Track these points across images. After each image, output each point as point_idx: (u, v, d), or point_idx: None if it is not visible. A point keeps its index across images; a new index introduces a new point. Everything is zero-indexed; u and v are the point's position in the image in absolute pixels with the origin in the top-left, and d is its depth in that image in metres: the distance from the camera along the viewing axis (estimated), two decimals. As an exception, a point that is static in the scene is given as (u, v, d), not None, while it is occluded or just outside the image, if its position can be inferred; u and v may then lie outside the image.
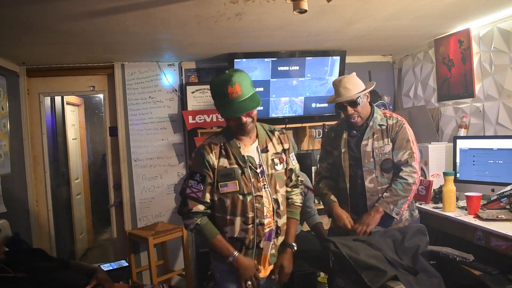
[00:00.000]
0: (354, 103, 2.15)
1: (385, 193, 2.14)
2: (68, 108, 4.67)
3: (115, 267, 3.01)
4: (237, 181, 1.72)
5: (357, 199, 2.22)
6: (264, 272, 1.84)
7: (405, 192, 2.10)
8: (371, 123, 2.20)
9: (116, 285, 2.20)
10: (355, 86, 2.16)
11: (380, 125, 2.20)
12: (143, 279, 3.52)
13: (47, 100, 3.77)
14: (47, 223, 3.55)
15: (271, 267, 1.86)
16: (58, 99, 4.31)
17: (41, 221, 3.52)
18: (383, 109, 2.42)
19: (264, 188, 1.77)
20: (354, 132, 2.27)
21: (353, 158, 2.24)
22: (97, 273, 2.09)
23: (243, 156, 1.75)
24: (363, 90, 2.17)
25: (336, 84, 2.20)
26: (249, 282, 1.76)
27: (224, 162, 1.74)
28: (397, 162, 2.16)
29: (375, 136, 2.19)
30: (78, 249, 4.75)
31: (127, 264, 3.11)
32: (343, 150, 2.26)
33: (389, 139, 2.18)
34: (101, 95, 3.88)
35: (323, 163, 2.42)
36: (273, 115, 3.58)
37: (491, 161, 2.55)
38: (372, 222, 2.10)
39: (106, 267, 2.93)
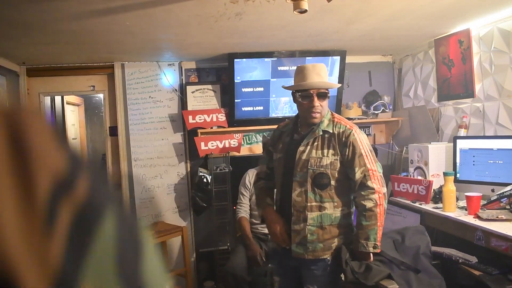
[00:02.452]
0: (324, 95, 1.85)
1: (355, 230, 1.87)
2: (68, 108, 4.67)
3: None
4: None
5: (286, 214, 1.90)
6: None
7: (369, 221, 1.77)
8: (315, 127, 1.88)
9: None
10: (327, 76, 1.90)
11: (324, 131, 1.86)
12: (143, 279, 3.52)
13: (47, 99, 3.76)
14: (47, 223, 3.54)
15: None
16: (58, 98, 4.30)
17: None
18: (332, 112, 1.97)
19: None
20: (296, 135, 1.95)
21: (288, 166, 1.90)
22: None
23: None
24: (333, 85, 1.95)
25: (307, 68, 1.86)
26: None
27: None
28: (353, 181, 1.85)
29: (315, 143, 1.86)
30: (78, 249, 4.74)
31: (127, 264, 3.12)
32: (279, 156, 1.97)
33: (333, 150, 1.84)
34: (101, 95, 3.88)
35: (263, 165, 2.13)
36: (273, 115, 3.57)
37: (491, 161, 2.55)
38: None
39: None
